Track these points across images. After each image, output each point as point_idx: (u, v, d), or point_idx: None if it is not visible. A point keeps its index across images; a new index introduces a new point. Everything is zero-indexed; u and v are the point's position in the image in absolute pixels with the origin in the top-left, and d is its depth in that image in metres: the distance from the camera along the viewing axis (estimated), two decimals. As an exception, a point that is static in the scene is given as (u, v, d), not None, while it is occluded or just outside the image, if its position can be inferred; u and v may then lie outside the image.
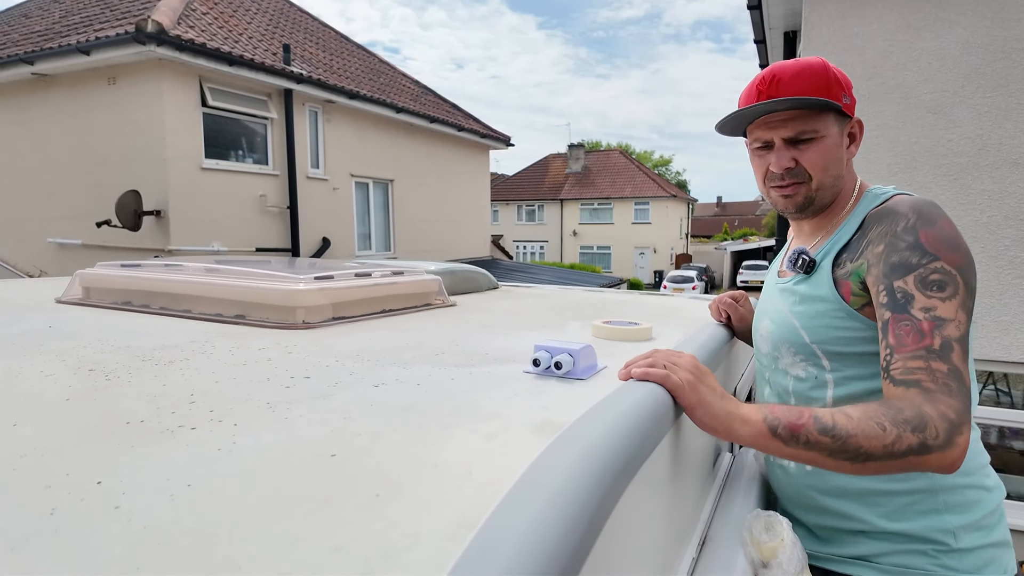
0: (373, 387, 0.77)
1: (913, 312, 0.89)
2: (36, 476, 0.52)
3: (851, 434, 0.80)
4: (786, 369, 1.12)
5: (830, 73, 1.02)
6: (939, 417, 0.80)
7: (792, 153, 1.04)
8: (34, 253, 7.34)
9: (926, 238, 0.92)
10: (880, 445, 0.79)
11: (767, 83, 1.03)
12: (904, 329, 0.89)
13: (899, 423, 0.80)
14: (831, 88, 1.01)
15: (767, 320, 1.16)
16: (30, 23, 8.10)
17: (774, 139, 1.05)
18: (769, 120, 1.04)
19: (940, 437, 0.79)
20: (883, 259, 0.95)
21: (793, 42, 4.99)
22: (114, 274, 1.50)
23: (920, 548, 0.97)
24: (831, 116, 1.02)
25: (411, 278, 1.53)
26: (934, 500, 0.98)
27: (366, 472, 0.53)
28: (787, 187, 1.06)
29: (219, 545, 0.42)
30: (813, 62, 1.03)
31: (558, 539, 0.44)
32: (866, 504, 1.01)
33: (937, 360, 0.85)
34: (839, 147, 1.04)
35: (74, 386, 0.77)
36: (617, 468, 0.56)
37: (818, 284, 1.05)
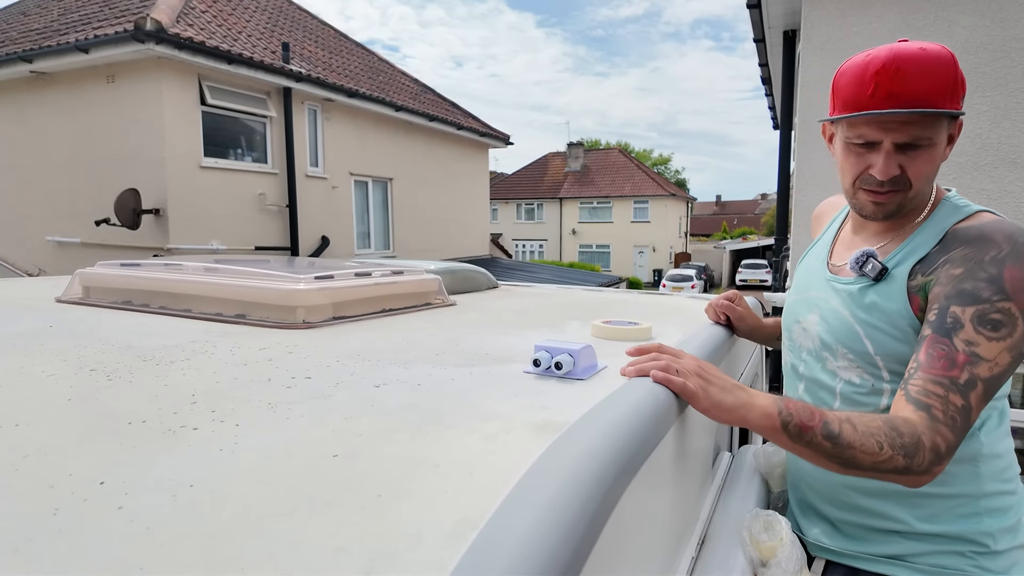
0: (374, 387, 0.77)
1: (955, 340, 0.87)
2: (39, 476, 0.52)
3: (851, 445, 0.83)
4: (836, 371, 1.06)
5: (958, 73, 0.91)
6: (930, 448, 0.83)
7: (900, 160, 0.94)
8: (33, 251, 7.33)
9: (1010, 275, 0.87)
10: (871, 461, 0.83)
11: (888, 75, 0.90)
12: (938, 352, 0.87)
13: (896, 447, 0.83)
14: (957, 91, 0.91)
15: (815, 316, 1.09)
16: (28, 21, 8.08)
17: (884, 141, 0.94)
18: (884, 119, 0.93)
19: (923, 465, 0.83)
20: (955, 282, 0.90)
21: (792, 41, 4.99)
22: (114, 273, 1.50)
23: (959, 549, 0.97)
24: (944, 121, 0.93)
25: (411, 278, 1.53)
26: (976, 505, 0.97)
27: (368, 472, 0.53)
28: (884, 194, 0.97)
29: (222, 545, 0.42)
30: (942, 56, 0.91)
31: (559, 539, 0.44)
32: (906, 506, 1.00)
33: (956, 394, 0.85)
34: (941, 155, 0.96)
35: (76, 386, 0.77)
36: (618, 468, 0.57)
37: (890, 295, 0.98)
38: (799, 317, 1.14)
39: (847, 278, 1.05)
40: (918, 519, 0.99)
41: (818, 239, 1.23)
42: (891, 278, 0.98)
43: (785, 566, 0.90)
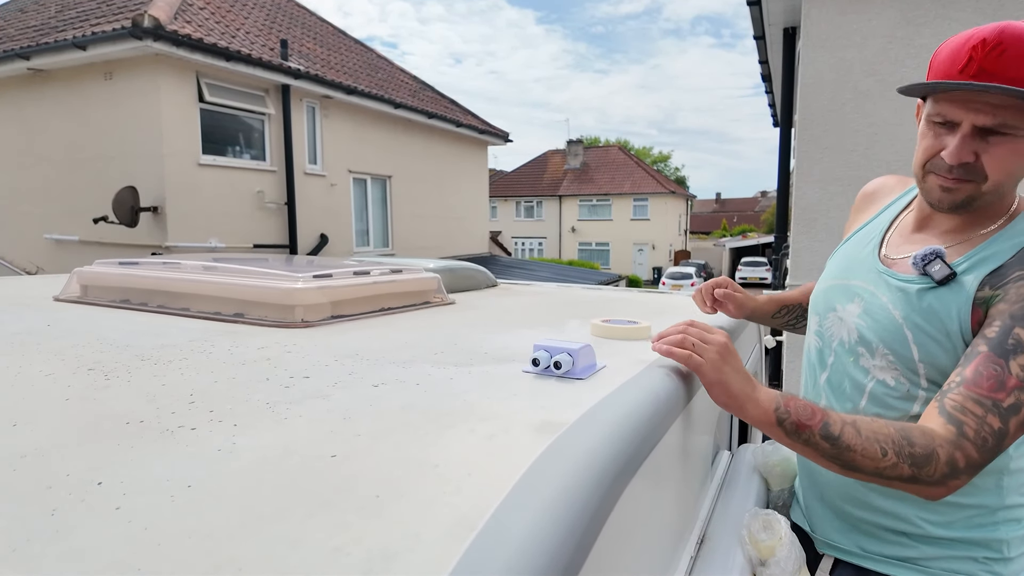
0: (372, 387, 0.77)
1: (1011, 363, 0.81)
2: (37, 476, 0.52)
3: (851, 448, 0.81)
4: (869, 369, 1.00)
5: None
6: (947, 461, 0.80)
7: (976, 146, 0.86)
8: (31, 249, 7.32)
9: None
10: (873, 466, 0.81)
11: (986, 49, 0.83)
12: (989, 371, 0.82)
13: (903, 455, 0.80)
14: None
15: (856, 307, 1.02)
16: (26, 17, 8.06)
17: (964, 122, 0.86)
18: (971, 98, 0.85)
19: (935, 477, 0.80)
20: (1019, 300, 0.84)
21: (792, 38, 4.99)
22: (112, 272, 1.49)
23: (972, 555, 0.96)
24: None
25: (410, 276, 1.53)
26: (994, 515, 0.96)
27: (366, 473, 0.53)
28: (951, 180, 0.89)
29: (220, 546, 0.42)
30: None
31: (559, 540, 0.44)
32: (923, 509, 0.97)
33: (995, 416, 0.81)
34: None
35: (74, 386, 0.77)
36: (617, 468, 0.57)
37: (952, 303, 0.90)
38: (836, 304, 1.06)
39: (905, 274, 0.97)
40: (932, 524, 0.97)
41: (867, 223, 1.12)
42: (957, 285, 0.90)
43: (784, 565, 0.90)
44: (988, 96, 0.83)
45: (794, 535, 0.96)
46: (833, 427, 0.83)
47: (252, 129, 7.48)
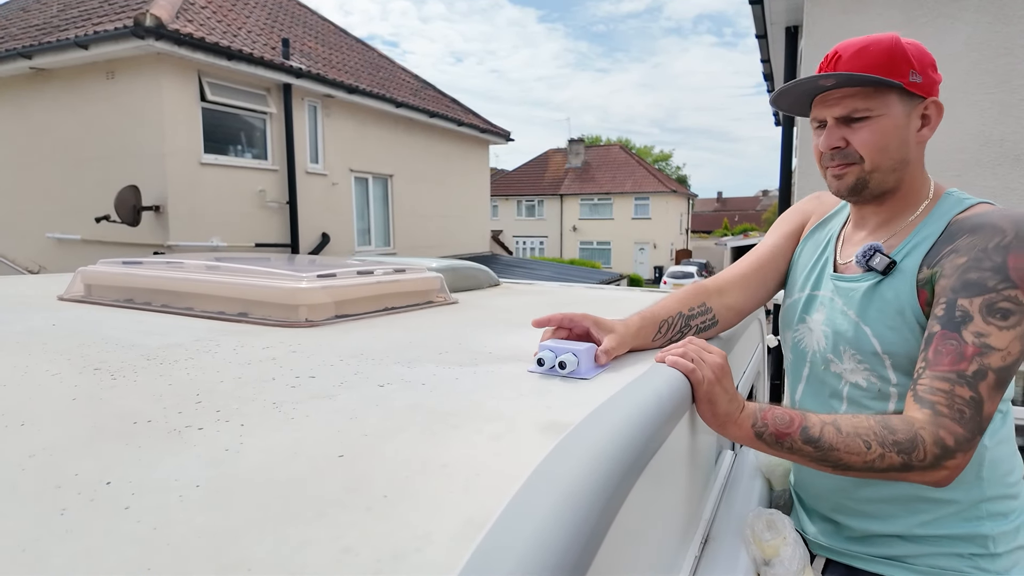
0: (378, 387, 0.77)
1: (963, 333, 0.86)
2: (45, 476, 0.52)
3: (834, 447, 0.84)
4: (841, 374, 1.05)
5: (897, 50, 0.94)
6: (933, 442, 0.82)
7: (843, 132, 0.97)
8: (33, 248, 7.33)
9: (1014, 263, 0.86)
10: (861, 461, 0.84)
11: (828, 60, 0.97)
12: (946, 348, 0.86)
13: (887, 444, 0.83)
14: (895, 65, 0.93)
15: (820, 315, 1.08)
16: (28, 17, 8.06)
17: (827, 118, 0.99)
18: (826, 98, 0.98)
19: (927, 460, 0.82)
20: (960, 272, 0.89)
21: (795, 37, 4.98)
22: (116, 271, 1.50)
23: (958, 551, 0.97)
24: (893, 95, 0.94)
25: (413, 276, 1.53)
26: (977, 509, 0.97)
27: (374, 473, 0.53)
28: (837, 167, 0.99)
29: (230, 546, 0.42)
30: (881, 38, 0.95)
31: (567, 540, 0.44)
32: (908, 511, 1.00)
33: (964, 386, 0.84)
34: (902, 128, 0.95)
35: (80, 385, 0.77)
36: (623, 469, 0.57)
37: (898, 289, 0.96)
38: (804, 316, 1.12)
39: (853, 275, 1.04)
40: (919, 524, 0.99)
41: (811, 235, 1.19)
42: (899, 272, 0.97)
43: (788, 565, 0.90)
44: (835, 92, 0.97)
45: (798, 535, 0.96)
46: (812, 430, 0.85)
47: (254, 128, 7.48)
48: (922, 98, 0.96)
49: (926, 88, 0.95)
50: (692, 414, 0.93)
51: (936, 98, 0.98)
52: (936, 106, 0.98)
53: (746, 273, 1.19)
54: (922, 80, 0.95)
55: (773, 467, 1.30)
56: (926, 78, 0.95)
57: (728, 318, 1.16)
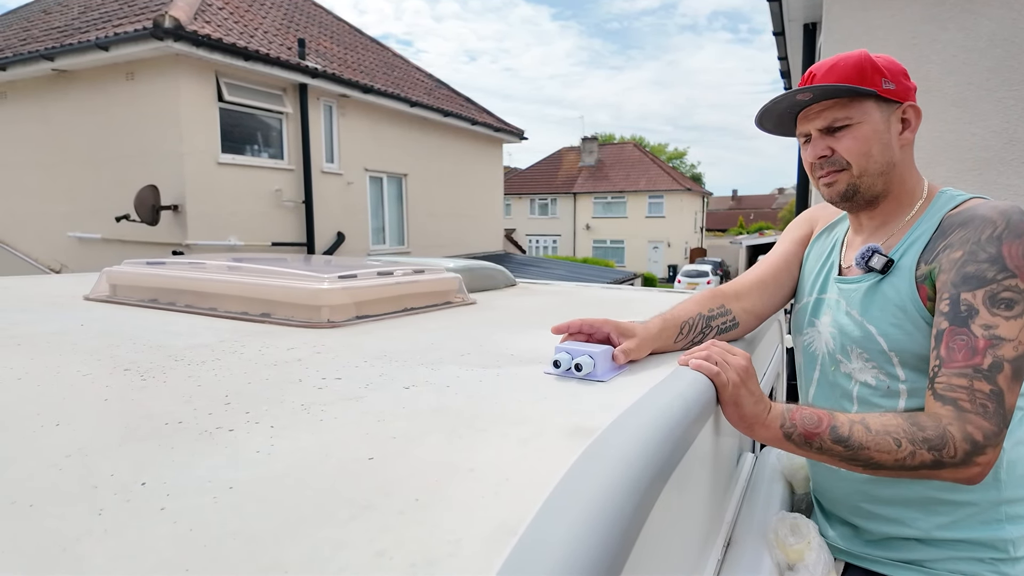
0: (404, 389, 0.78)
1: (972, 327, 0.87)
2: (82, 476, 0.53)
3: (864, 446, 0.85)
4: (851, 374, 1.06)
5: (867, 62, 0.99)
6: (962, 438, 0.83)
7: (827, 142, 1.02)
8: (55, 247, 7.45)
9: (1009, 251, 0.88)
10: (892, 459, 0.84)
11: (805, 81, 1.04)
12: (958, 344, 0.87)
13: (917, 441, 0.83)
14: (866, 75, 0.98)
15: (827, 318, 1.10)
16: (50, 19, 8.20)
17: (811, 131, 1.04)
18: (807, 113, 1.04)
19: (957, 456, 0.83)
20: (958, 266, 0.91)
21: (813, 34, 4.92)
22: (140, 272, 1.52)
23: (978, 555, 0.96)
24: (870, 103, 0.99)
25: (432, 276, 1.53)
26: (996, 512, 0.96)
27: (404, 476, 0.53)
28: (827, 175, 1.04)
29: (265, 548, 0.43)
30: (850, 54, 1.01)
31: (599, 545, 0.44)
32: (927, 513, 0.99)
33: (982, 380, 0.85)
34: (882, 133, 1.00)
35: (112, 386, 0.78)
36: (652, 473, 0.57)
37: (898, 287, 0.99)
38: (813, 320, 1.14)
39: (855, 277, 1.07)
40: (937, 527, 0.98)
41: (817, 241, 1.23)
42: (898, 270, 1.00)
43: (813, 570, 0.90)
44: (815, 107, 1.03)
45: (823, 540, 0.96)
46: (842, 429, 0.86)
47: (270, 128, 7.55)
48: (899, 103, 1.01)
49: (901, 94, 1.00)
50: (715, 417, 0.92)
51: (913, 102, 1.03)
52: (914, 110, 1.03)
53: (763, 278, 1.22)
54: (896, 87, 1.00)
55: (795, 470, 1.29)
56: (899, 85, 1.00)
57: (748, 321, 1.17)
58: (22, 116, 7.55)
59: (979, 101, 3.45)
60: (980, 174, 3.48)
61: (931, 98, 3.56)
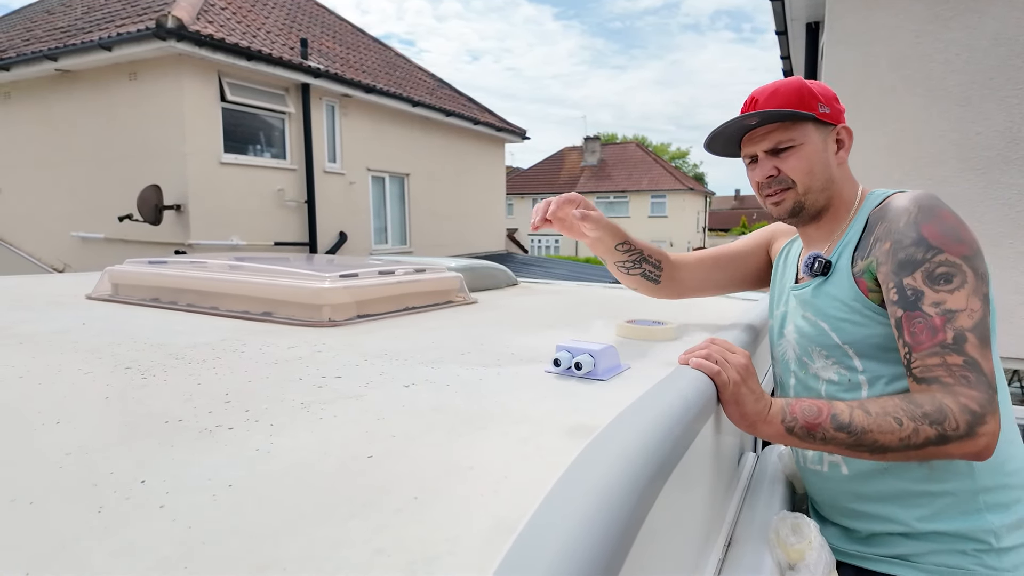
0: (403, 387, 0.78)
1: (924, 308, 0.91)
2: (82, 474, 0.54)
3: (867, 430, 0.87)
4: (817, 374, 1.12)
5: (804, 88, 1.08)
6: (960, 410, 0.85)
7: (773, 162, 1.09)
8: (58, 247, 7.48)
9: (928, 232, 0.94)
10: (896, 439, 0.87)
11: (747, 106, 1.11)
12: (918, 327, 0.91)
13: (917, 417, 0.86)
14: (804, 100, 1.07)
15: (791, 327, 1.17)
16: (53, 19, 8.22)
17: (757, 153, 1.11)
18: (752, 137, 1.12)
19: (960, 428, 0.85)
20: (890, 256, 0.97)
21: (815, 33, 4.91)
22: (142, 271, 1.52)
23: (961, 548, 0.97)
24: (809, 125, 1.08)
25: (433, 276, 1.53)
26: (975, 501, 0.98)
27: (403, 474, 0.53)
28: (775, 194, 1.11)
29: (264, 546, 0.43)
30: (789, 81, 1.10)
31: (597, 543, 0.44)
32: (907, 507, 1.01)
33: (952, 354, 0.88)
34: (821, 152, 1.09)
35: (112, 384, 0.79)
36: (651, 473, 0.57)
37: (839, 284, 1.06)
38: (783, 330, 1.20)
39: (804, 283, 1.14)
40: (919, 519, 1.00)
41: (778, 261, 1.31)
42: (837, 270, 1.07)
43: (813, 569, 0.90)
44: (759, 130, 1.10)
45: (823, 539, 0.96)
46: (842, 416, 0.89)
47: (272, 128, 7.56)
48: (833, 125, 1.10)
49: (834, 117, 1.10)
50: (716, 416, 0.92)
51: (845, 124, 1.12)
52: (846, 131, 1.12)
53: (703, 259, 1.36)
54: (830, 110, 1.09)
55: (796, 470, 1.28)
56: (832, 108, 1.09)
57: (669, 287, 1.32)
58: (26, 116, 7.57)
59: (983, 100, 3.44)
60: (984, 173, 3.47)
61: (935, 97, 3.55)
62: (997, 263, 3.45)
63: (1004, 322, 3.45)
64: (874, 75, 3.67)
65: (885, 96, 3.66)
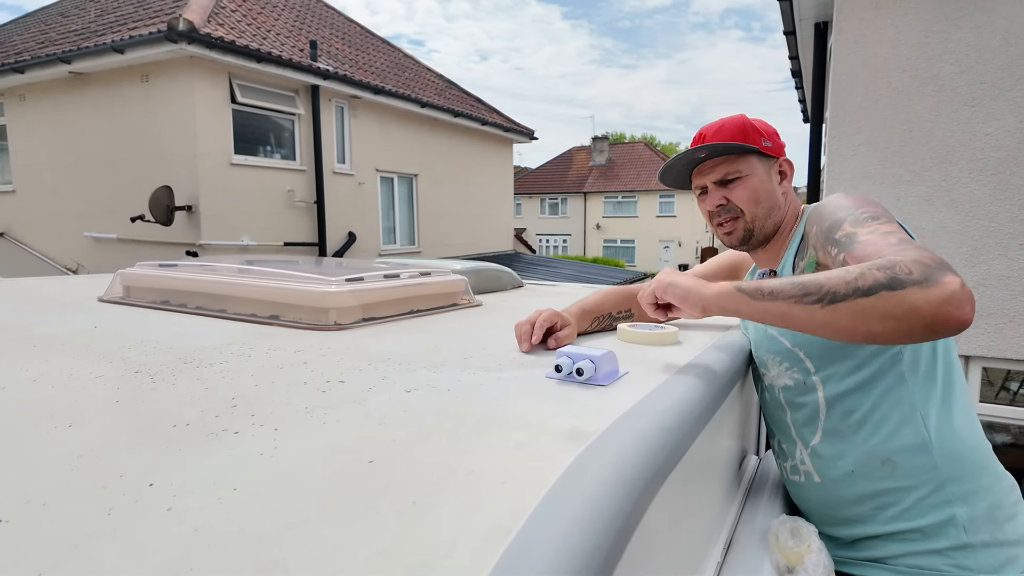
0: (406, 392, 0.79)
1: (862, 239, 0.94)
2: (93, 476, 0.55)
3: (814, 279, 0.86)
4: (773, 382, 1.18)
5: (747, 124, 1.17)
6: (912, 260, 0.80)
7: (722, 192, 1.17)
8: (71, 247, 7.57)
9: (843, 201, 1.05)
10: (843, 282, 0.82)
11: (695, 141, 1.19)
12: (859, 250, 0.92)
13: (865, 266, 0.83)
14: (748, 135, 1.15)
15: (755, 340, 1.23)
16: (67, 22, 8.32)
17: (707, 184, 1.19)
18: (702, 169, 1.20)
19: (914, 274, 0.78)
20: (821, 235, 1.04)
21: (824, 34, 4.89)
22: (153, 274, 1.55)
23: (934, 547, 0.99)
24: (753, 158, 1.16)
25: (438, 279, 1.55)
26: (943, 493, 0.99)
27: (403, 478, 0.55)
28: (726, 223, 1.19)
29: (268, 548, 0.44)
30: (732, 117, 1.18)
31: (590, 546, 0.45)
32: (879, 506, 1.03)
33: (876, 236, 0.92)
34: (767, 182, 1.17)
35: (123, 388, 0.81)
36: (646, 478, 0.58)
37: None
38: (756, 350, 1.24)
39: None
40: (892, 519, 1.02)
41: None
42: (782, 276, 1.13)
43: (812, 573, 0.90)
44: (708, 163, 1.18)
45: (822, 543, 0.96)
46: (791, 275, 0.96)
47: (282, 129, 7.62)
48: (775, 158, 1.19)
49: (776, 150, 1.19)
50: (716, 421, 0.93)
51: (786, 157, 1.21)
52: (788, 163, 1.21)
53: None
54: (772, 144, 1.18)
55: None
56: (774, 143, 1.19)
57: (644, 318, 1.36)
58: (40, 118, 7.67)
59: (993, 100, 3.42)
60: (993, 174, 3.44)
61: (944, 97, 3.53)
62: (1007, 264, 3.42)
63: (1014, 325, 3.42)
64: (883, 75, 3.65)
65: (894, 96, 3.63)
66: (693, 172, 1.22)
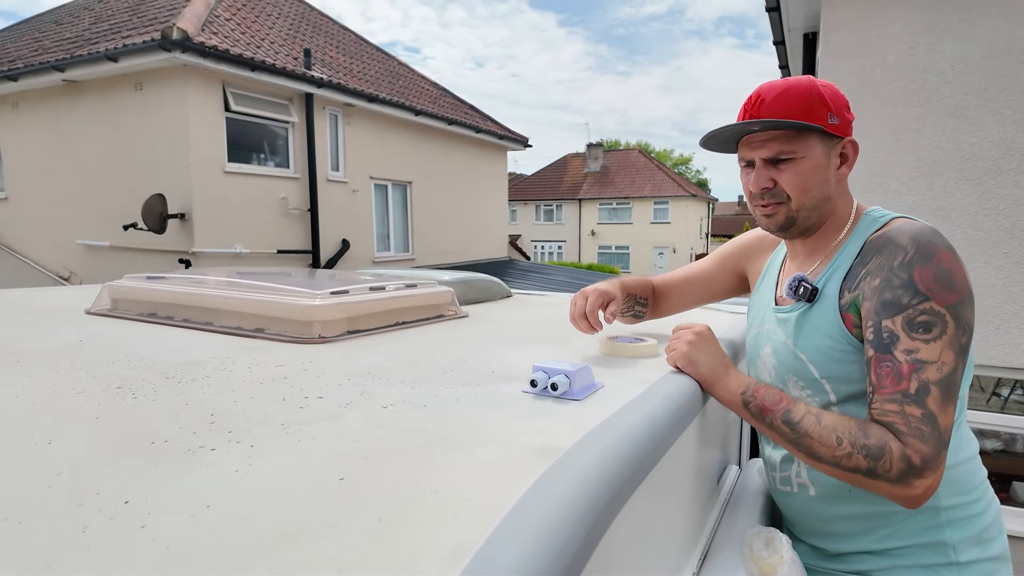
0: (382, 408, 0.81)
1: (896, 353, 0.90)
2: (70, 494, 0.56)
3: (808, 435, 0.92)
4: None
5: (815, 93, 1.01)
6: (899, 456, 0.85)
7: (771, 173, 1.04)
8: (64, 254, 7.55)
9: (920, 276, 0.91)
10: (830, 455, 0.90)
11: (752, 102, 1.04)
12: (885, 370, 0.91)
13: (857, 445, 0.88)
14: (814, 109, 1.00)
15: (768, 349, 1.14)
16: (61, 30, 8.33)
17: (755, 159, 1.06)
18: (751, 140, 1.06)
19: (893, 472, 0.85)
20: (877, 294, 0.94)
21: (813, 43, 4.94)
22: (140, 286, 1.56)
23: (922, 562, 0.99)
24: (813, 137, 1.01)
25: (424, 291, 1.56)
26: (936, 518, 0.99)
27: (371, 496, 0.56)
28: (767, 206, 1.06)
29: (236, 566, 0.46)
30: (799, 82, 1.02)
31: (549, 564, 0.47)
32: (870, 526, 1.03)
33: (912, 405, 0.87)
34: (823, 168, 1.03)
35: (104, 404, 0.82)
36: (610, 492, 0.59)
37: (824, 315, 1.02)
38: (759, 351, 1.18)
39: (787, 307, 1.11)
40: (882, 538, 1.02)
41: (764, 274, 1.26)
42: (823, 298, 1.03)
43: (785, 583, 0.92)
44: (760, 135, 1.04)
45: (795, 554, 0.98)
46: (795, 414, 0.94)
47: (276, 137, 7.63)
48: (840, 138, 1.03)
49: (843, 128, 1.02)
50: (690, 433, 0.95)
51: (851, 137, 1.05)
52: (852, 145, 1.05)
53: (678, 284, 1.41)
54: (839, 121, 1.02)
55: (777, 484, 1.30)
56: (842, 119, 1.02)
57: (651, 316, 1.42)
58: (33, 125, 7.66)
59: (977, 111, 3.46)
60: (978, 183, 3.48)
61: (929, 108, 3.57)
62: (992, 273, 3.46)
63: (1000, 332, 3.45)
64: (869, 86, 3.70)
65: (880, 107, 3.68)
66: (741, 140, 1.08)
